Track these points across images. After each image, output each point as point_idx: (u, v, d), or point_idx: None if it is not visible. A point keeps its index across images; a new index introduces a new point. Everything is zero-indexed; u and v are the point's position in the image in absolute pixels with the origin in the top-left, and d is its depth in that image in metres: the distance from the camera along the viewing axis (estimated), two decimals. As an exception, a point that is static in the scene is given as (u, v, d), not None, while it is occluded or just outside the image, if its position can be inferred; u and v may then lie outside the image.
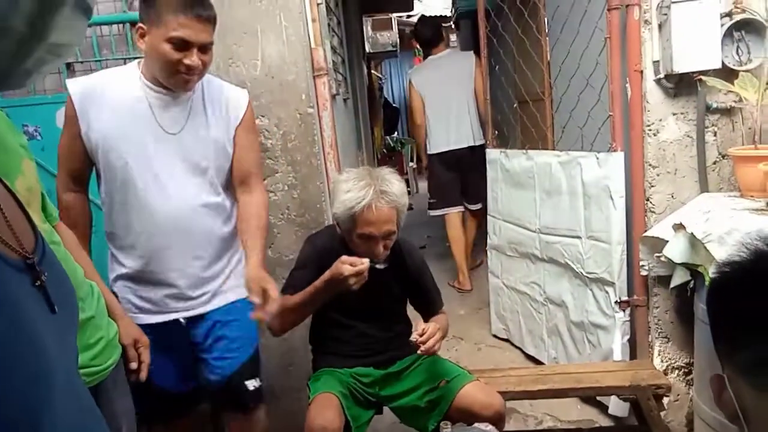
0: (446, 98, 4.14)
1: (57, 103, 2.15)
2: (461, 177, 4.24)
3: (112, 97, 1.64)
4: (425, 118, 4.24)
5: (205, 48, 1.60)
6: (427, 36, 4.29)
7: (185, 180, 1.69)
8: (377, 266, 1.88)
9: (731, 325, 0.72)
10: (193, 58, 1.57)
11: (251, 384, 1.83)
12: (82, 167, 1.70)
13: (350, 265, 1.70)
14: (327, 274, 1.75)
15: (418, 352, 1.80)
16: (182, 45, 1.55)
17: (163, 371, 1.72)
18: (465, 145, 4.16)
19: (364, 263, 1.71)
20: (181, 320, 1.74)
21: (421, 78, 4.28)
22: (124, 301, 1.67)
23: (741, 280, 0.71)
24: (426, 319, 2.06)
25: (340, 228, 1.87)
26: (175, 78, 1.60)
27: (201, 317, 1.77)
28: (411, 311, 2.10)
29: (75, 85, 1.67)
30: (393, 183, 1.81)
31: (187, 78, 1.61)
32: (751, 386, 0.68)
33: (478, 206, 4.16)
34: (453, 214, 4.26)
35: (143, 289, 1.72)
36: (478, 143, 4.12)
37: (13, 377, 0.56)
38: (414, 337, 1.78)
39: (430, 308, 2.05)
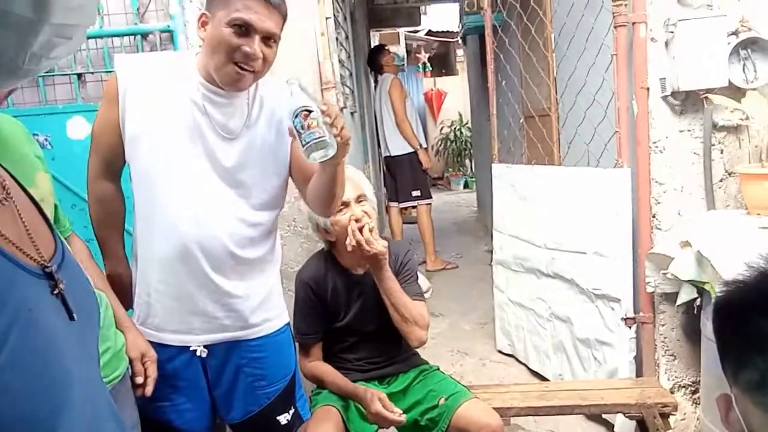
0: (378, 114, 5.11)
1: (68, 113, 2.17)
2: (389, 179, 5.19)
3: (162, 85, 1.45)
4: None
5: (269, 39, 1.40)
6: (369, 64, 5.32)
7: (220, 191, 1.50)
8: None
9: (737, 344, 0.72)
10: (253, 46, 1.36)
11: (284, 418, 1.62)
12: (117, 154, 1.49)
13: (382, 405, 1.78)
14: (360, 394, 1.83)
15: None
16: (244, 30, 1.35)
17: (177, 408, 1.54)
18: (385, 155, 5.11)
19: (398, 417, 1.79)
20: (199, 350, 1.53)
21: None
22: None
23: (746, 299, 0.72)
24: None
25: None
26: (227, 68, 1.38)
27: (224, 349, 1.55)
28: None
29: (124, 61, 1.47)
30: None
31: (242, 71, 1.39)
32: (757, 406, 0.68)
33: (406, 204, 5.03)
34: (392, 208, 5.13)
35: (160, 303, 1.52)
36: (393, 154, 4.99)
37: (29, 382, 0.56)
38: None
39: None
